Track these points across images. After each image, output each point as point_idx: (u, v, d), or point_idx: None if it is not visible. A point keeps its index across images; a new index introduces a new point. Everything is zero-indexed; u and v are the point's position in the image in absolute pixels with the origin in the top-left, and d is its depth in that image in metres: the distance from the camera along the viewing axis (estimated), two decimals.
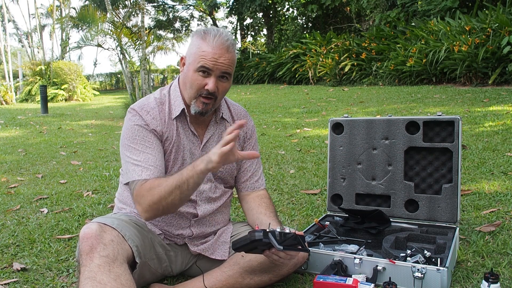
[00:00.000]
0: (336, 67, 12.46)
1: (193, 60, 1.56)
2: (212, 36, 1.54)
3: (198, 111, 1.59)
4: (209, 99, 1.58)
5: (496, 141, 3.96)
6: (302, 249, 1.49)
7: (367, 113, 6.61)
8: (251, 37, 26.18)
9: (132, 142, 1.59)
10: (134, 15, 15.03)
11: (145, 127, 1.59)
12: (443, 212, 2.07)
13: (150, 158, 1.57)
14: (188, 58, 1.59)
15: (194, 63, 1.55)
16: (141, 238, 1.56)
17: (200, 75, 1.55)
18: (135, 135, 1.59)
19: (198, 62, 1.54)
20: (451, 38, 9.17)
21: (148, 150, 1.58)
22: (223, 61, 1.54)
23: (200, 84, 1.55)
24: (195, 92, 1.57)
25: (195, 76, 1.55)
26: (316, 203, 2.74)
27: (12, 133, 7.44)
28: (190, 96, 1.60)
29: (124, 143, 1.62)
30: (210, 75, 1.55)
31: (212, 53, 1.52)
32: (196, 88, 1.56)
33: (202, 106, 1.59)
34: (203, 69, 1.53)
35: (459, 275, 1.72)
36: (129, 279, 1.38)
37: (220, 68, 1.54)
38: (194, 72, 1.55)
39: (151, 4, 26.12)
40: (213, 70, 1.54)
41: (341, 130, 2.30)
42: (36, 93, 15.88)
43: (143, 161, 1.56)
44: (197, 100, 1.58)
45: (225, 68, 1.55)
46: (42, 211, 2.84)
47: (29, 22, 41.13)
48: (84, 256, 1.36)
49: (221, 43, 1.53)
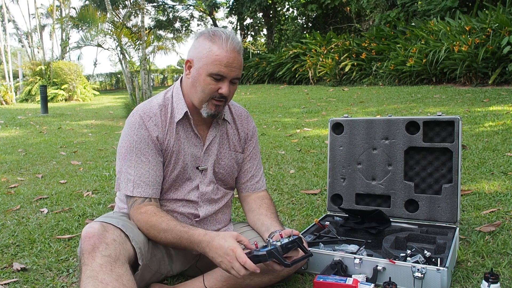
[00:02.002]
0: (336, 67, 12.46)
1: (205, 64, 1.53)
2: (224, 40, 1.52)
3: (211, 113, 1.60)
4: (221, 102, 1.59)
5: (496, 141, 3.97)
6: (306, 255, 1.51)
7: (367, 113, 6.61)
8: (251, 37, 26.20)
9: (129, 152, 1.60)
10: (134, 15, 15.05)
11: (146, 137, 1.59)
12: (443, 212, 2.07)
13: (143, 174, 1.58)
14: (197, 61, 1.56)
15: (207, 68, 1.53)
16: (143, 239, 1.56)
17: (213, 80, 1.54)
18: (133, 146, 1.59)
19: (212, 68, 1.52)
20: (451, 38, 9.17)
21: (142, 165, 1.59)
22: (236, 65, 1.54)
23: (213, 89, 1.56)
24: (207, 96, 1.57)
25: (207, 80, 1.55)
26: (316, 203, 2.74)
27: (12, 133, 7.45)
28: (202, 100, 1.59)
29: (121, 151, 1.62)
30: (224, 80, 1.55)
31: (226, 58, 1.52)
32: (209, 92, 1.56)
33: (215, 109, 1.59)
34: (218, 76, 1.53)
35: (459, 275, 1.72)
36: (131, 280, 1.38)
37: (234, 73, 1.55)
38: (206, 76, 1.54)
39: (151, 4, 26.13)
40: (227, 77, 1.54)
41: (341, 130, 2.30)
42: (36, 93, 15.88)
43: (136, 176, 1.58)
44: (209, 103, 1.59)
45: (237, 73, 1.56)
46: (42, 211, 2.84)
47: (29, 22, 41.14)
48: (86, 255, 1.36)
49: (233, 47, 1.53)
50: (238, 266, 1.38)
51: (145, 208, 1.56)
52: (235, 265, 1.38)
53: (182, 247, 1.53)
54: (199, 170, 1.69)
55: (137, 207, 1.56)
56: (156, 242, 1.57)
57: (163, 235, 1.52)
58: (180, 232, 1.50)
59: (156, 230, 1.52)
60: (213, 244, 1.43)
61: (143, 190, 1.57)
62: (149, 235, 1.55)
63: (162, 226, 1.52)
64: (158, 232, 1.52)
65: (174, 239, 1.51)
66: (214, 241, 1.43)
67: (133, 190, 1.57)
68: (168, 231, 1.51)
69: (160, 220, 1.53)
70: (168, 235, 1.51)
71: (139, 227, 1.56)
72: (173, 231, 1.51)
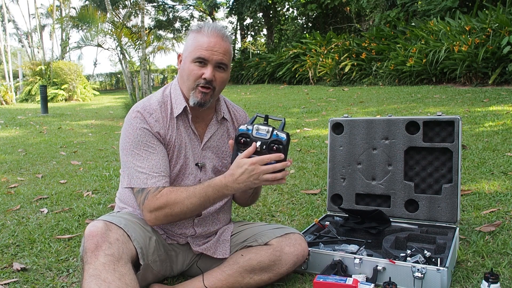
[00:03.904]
0: (336, 67, 12.46)
1: (190, 52, 1.58)
2: (206, 27, 1.58)
3: (197, 101, 1.60)
4: (207, 89, 1.59)
5: (496, 141, 3.97)
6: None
7: (367, 113, 6.60)
8: (251, 37, 26.21)
9: (136, 147, 1.59)
10: (134, 15, 15.04)
11: (149, 130, 1.59)
12: (443, 212, 2.07)
13: (154, 165, 1.57)
14: (185, 52, 1.62)
15: (190, 55, 1.57)
16: (145, 239, 1.57)
17: (196, 65, 1.57)
18: (138, 140, 1.59)
19: (194, 53, 1.56)
20: (451, 38, 9.17)
21: (152, 156, 1.58)
22: (218, 49, 1.56)
23: (197, 74, 1.57)
24: (193, 83, 1.59)
25: (191, 66, 1.57)
26: (316, 203, 2.74)
27: (12, 133, 7.45)
28: (189, 87, 1.61)
29: (126, 147, 1.60)
30: (207, 65, 1.57)
31: (207, 42, 1.55)
32: (193, 78, 1.58)
33: (201, 96, 1.59)
34: (199, 59, 1.56)
35: (459, 275, 1.72)
36: (133, 279, 1.38)
37: (216, 57, 1.56)
38: (190, 63, 1.57)
39: (151, 4, 26.12)
40: (209, 60, 1.56)
41: (341, 130, 2.30)
42: (36, 93, 15.88)
43: (148, 168, 1.56)
44: (195, 90, 1.59)
45: (221, 57, 1.57)
46: (42, 211, 2.84)
47: (29, 22, 41.13)
48: (89, 254, 1.37)
49: (215, 32, 1.57)
50: (267, 167, 1.42)
51: (160, 193, 1.54)
52: (265, 168, 1.41)
53: (213, 202, 1.54)
54: (198, 167, 1.69)
55: (152, 196, 1.53)
56: (188, 215, 1.56)
57: (188, 202, 1.51)
58: (202, 189, 1.51)
59: (181, 202, 1.51)
60: (235, 175, 1.45)
61: (157, 180, 1.56)
62: (176, 212, 1.52)
63: (183, 195, 1.51)
64: (183, 203, 1.51)
65: (201, 199, 1.51)
66: (235, 173, 1.45)
67: (147, 181, 1.55)
68: (191, 196, 1.51)
69: (178, 192, 1.53)
70: (194, 200, 1.51)
71: (162, 215, 1.53)
72: (196, 193, 1.51)
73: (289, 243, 1.67)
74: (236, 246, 1.74)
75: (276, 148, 1.45)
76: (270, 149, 1.45)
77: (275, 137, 1.46)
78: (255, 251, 1.66)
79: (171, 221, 1.58)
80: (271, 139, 1.46)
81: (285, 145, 1.45)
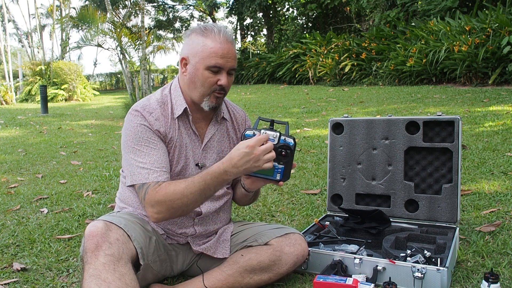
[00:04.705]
0: (336, 67, 12.46)
1: (201, 58, 1.56)
2: (216, 33, 1.56)
3: (213, 106, 1.62)
4: (221, 93, 1.61)
5: (496, 141, 3.97)
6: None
7: (367, 113, 6.60)
8: (251, 37, 26.21)
9: (137, 144, 1.58)
10: (134, 15, 15.02)
11: (149, 127, 1.59)
12: (443, 212, 2.07)
13: (156, 160, 1.57)
14: (193, 57, 1.58)
15: (204, 62, 1.55)
16: (145, 239, 1.57)
17: (211, 73, 1.56)
18: (139, 136, 1.59)
19: (209, 61, 1.54)
20: (451, 38, 9.17)
21: (153, 151, 1.58)
22: (231, 55, 1.57)
23: (212, 81, 1.57)
24: (208, 89, 1.59)
25: (206, 74, 1.56)
26: (316, 203, 2.74)
27: (12, 133, 7.45)
28: (203, 94, 1.60)
29: (127, 145, 1.60)
30: (222, 72, 1.57)
31: (221, 49, 1.54)
32: (209, 85, 1.58)
33: (216, 101, 1.62)
34: (216, 68, 1.55)
35: (459, 275, 1.72)
36: (133, 279, 1.38)
37: (230, 63, 1.57)
38: (204, 70, 1.56)
39: (151, 4, 26.12)
40: (224, 67, 1.56)
41: (341, 130, 2.30)
42: (36, 93, 15.89)
43: (149, 163, 1.56)
44: (210, 96, 1.60)
45: (233, 64, 1.59)
46: (42, 211, 2.84)
47: (29, 22, 41.19)
48: (89, 254, 1.37)
49: (226, 38, 1.56)
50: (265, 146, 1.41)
51: (160, 187, 1.53)
52: (263, 148, 1.41)
53: (213, 190, 1.52)
54: (198, 167, 1.69)
55: (152, 190, 1.52)
56: (190, 207, 1.53)
57: (188, 192, 1.49)
58: (201, 178, 1.49)
59: (180, 193, 1.49)
60: (233, 160, 1.43)
61: (159, 175, 1.55)
62: (177, 204, 1.50)
63: (182, 186, 1.50)
64: (182, 193, 1.49)
65: (200, 187, 1.49)
66: (233, 158, 1.44)
67: (149, 176, 1.54)
68: (190, 186, 1.49)
69: (177, 183, 1.52)
70: (193, 189, 1.49)
71: (164, 209, 1.50)
72: (194, 182, 1.50)
73: (289, 243, 1.68)
74: (236, 246, 1.74)
75: (284, 153, 1.46)
76: (279, 154, 1.46)
77: (282, 142, 1.47)
78: (255, 251, 1.66)
79: (174, 215, 1.54)
80: (279, 144, 1.46)
81: (292, 150, 1.47)
